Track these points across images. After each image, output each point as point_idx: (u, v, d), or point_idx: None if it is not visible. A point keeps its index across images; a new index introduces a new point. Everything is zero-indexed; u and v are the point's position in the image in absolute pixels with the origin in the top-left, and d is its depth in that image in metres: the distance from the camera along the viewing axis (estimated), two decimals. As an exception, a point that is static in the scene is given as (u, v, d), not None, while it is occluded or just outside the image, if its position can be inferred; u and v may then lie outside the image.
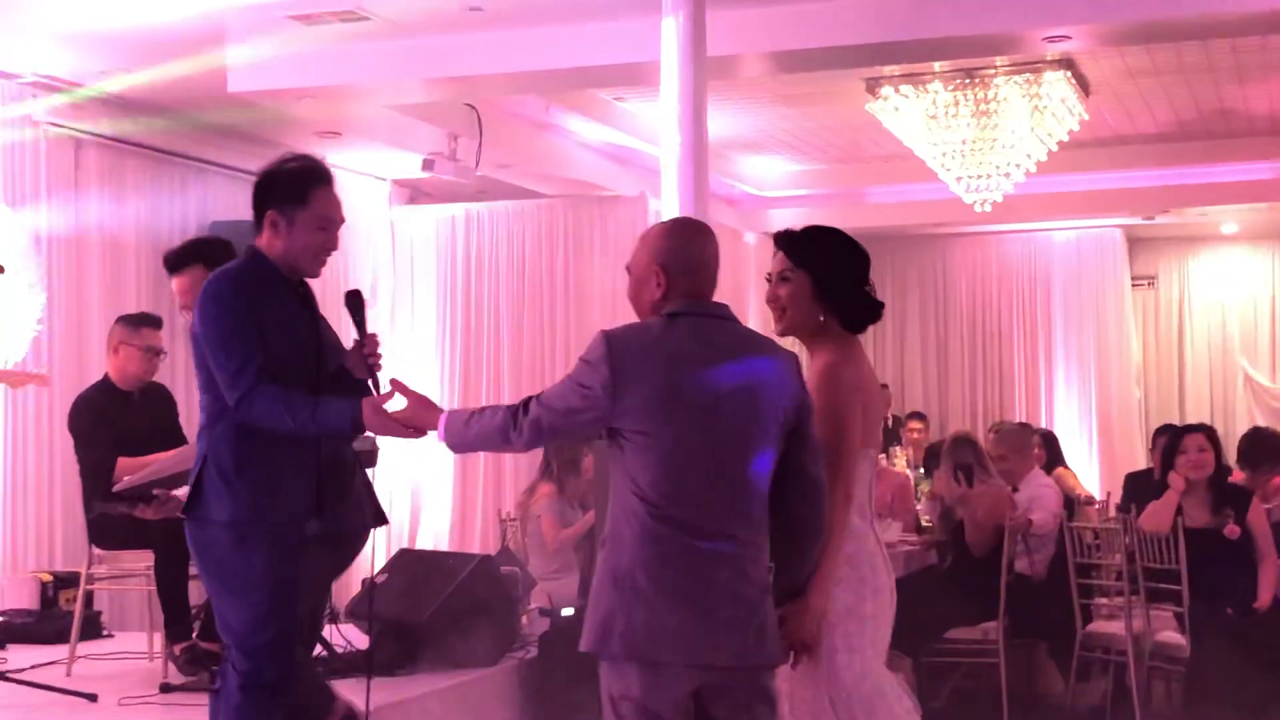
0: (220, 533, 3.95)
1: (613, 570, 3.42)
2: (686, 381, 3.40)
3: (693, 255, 3.57)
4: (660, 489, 3.38)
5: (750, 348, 3.52)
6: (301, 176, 4.02)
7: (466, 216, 11.73)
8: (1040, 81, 9.49)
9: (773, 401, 3.46)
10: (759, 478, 3.44)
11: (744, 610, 3.40)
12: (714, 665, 3.38)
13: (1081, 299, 15.10)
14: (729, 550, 3.39)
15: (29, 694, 5.70)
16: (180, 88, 8.72)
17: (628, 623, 3.37)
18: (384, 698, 5.61)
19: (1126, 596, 7.21)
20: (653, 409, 3.39)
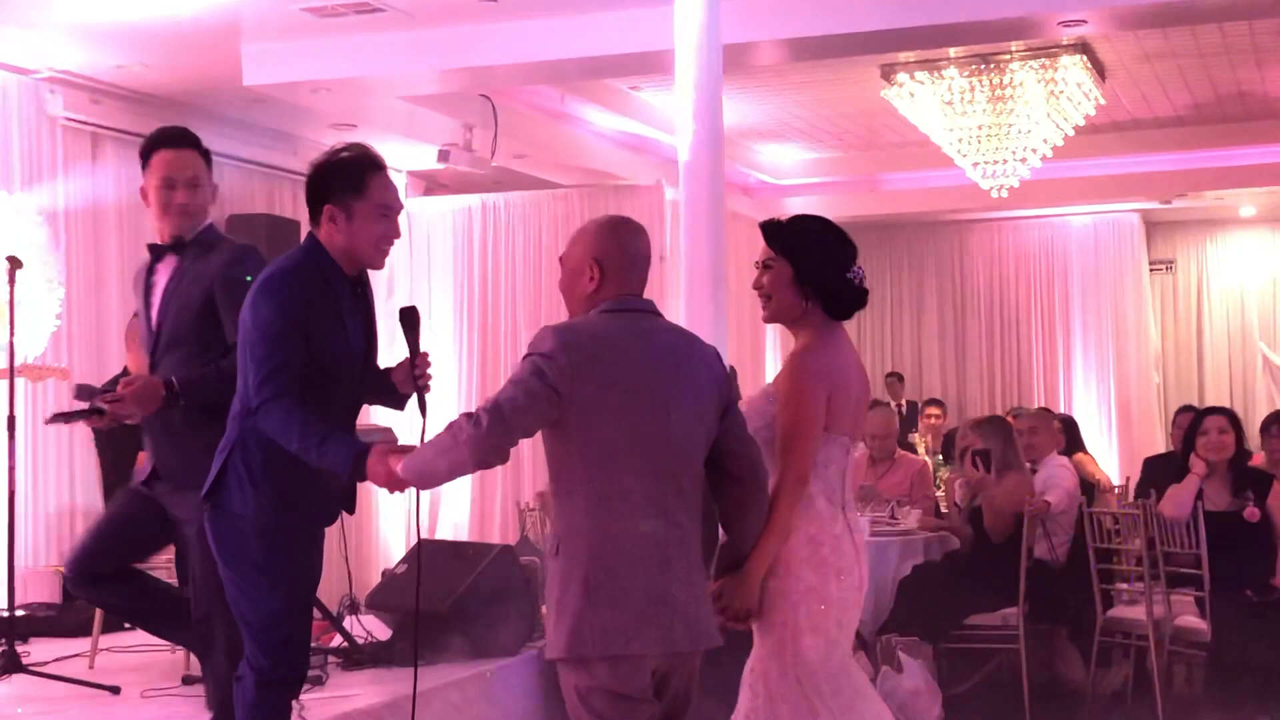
0: (241, 525, 3.91)
1: (574, 574, 3.47)
2: (628, 373, 3.49)
3: (629, 253, 3.64)
4: (611, 481, 3.46)
5: (679, 341, 3.65)
6: (356, 165, 3.92)
7: (483, 207, 11.74)
8: (1056, 66, 9.47)
9: (704, 390, 3.58)
10: (697, 464, 3.58)
11: (695, 592, 3.53)
12: (667, 651, 3.49)
13: (1099, 284, 15.08)
14: (677, 535, 3.50)
15: (52, 687, 5.73)
16: (196, 81, 8.74)
17: (597, 623, 3.43)
18: (404, 688, 5.63)
19: (1147, 581, 7.19)
20: (600, 401, 3.45)
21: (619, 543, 3.44)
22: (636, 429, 3.46)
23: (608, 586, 3.43)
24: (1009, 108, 9.70)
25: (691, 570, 3.52)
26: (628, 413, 3.46)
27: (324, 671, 5.84)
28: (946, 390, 15.68)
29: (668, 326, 3.68)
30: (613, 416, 3.46)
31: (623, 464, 3.46)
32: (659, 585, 3.44)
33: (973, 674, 7.89)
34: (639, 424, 3.47)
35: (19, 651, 5.93)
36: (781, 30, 7.96)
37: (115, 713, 5.42)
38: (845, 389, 3.94)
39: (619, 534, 3.44)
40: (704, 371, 3.60)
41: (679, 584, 3.47)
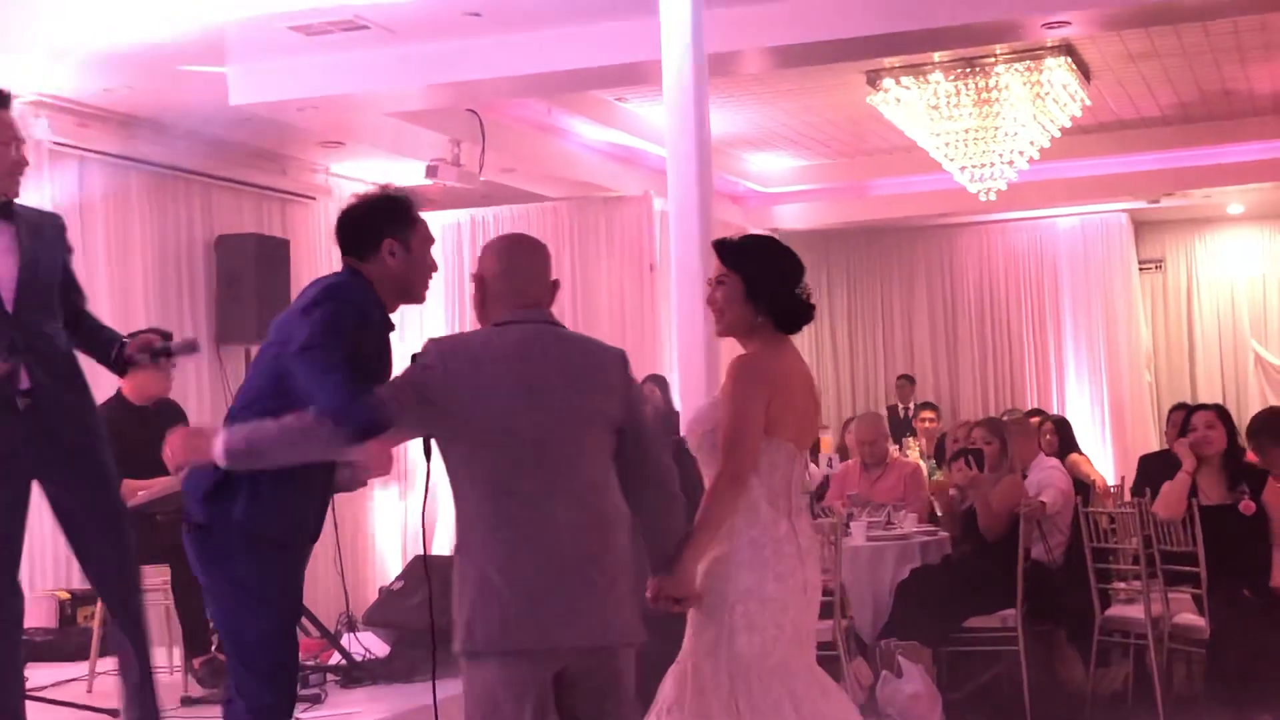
0: (236, 542, 3.88)
1: (468, 571, 3.60)
2: (510, 382, 3.61)
3: (513, 270, 3.80)
4: (499, 485, 3.59)
5: (572, 350, 3.77)
6: (407, 202, 4.07)
7: (472, 222, 11.75)
8: (1041, 68, 9.49)
9: (596, 398, 3.70)
10: (591, 468, 3.67)
11: (592, 593, 3.59)
12: (565, 647, 3.57)
13: (1089, 284, 15.10)
14: (571, 536, 3.58)
15: (52, 712, 5.72)
16: (182, 103, 8.74)
17: (486, 618, 3.55)
18: (403, 704, 5.63)
19: (1144, 579, 7.20)
20: (480, 409, 3.59)
21: (507, 543, 3.57)
22: (519, 435, 3.59)
23: (499, 584, 3.54)
24: (995, 111, 9.72)
25: (592, 568, 3.59)
26: (509, 419, 3.59)
27: (323, 690, 5.84)
28: (940, 394, 15.69)
29: (562, 337, 3.80)
30: (494, 423, 3.59)
31: (506, 470, 3.59)
32: (552, 583, 3.54)
33: (973, 677, 7.90)
34: (521, 431, 3.59)
35: (17, 677, 5.89)
36: (766, 39, 7.96)
37: (115, 736, 5.41)
38: (788, 394, 4.06)
39: (508, 535, 3.57)
40: (598, 380, 3.72)
41: (576, 582, 3.57)
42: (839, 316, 16.54)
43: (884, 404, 15.89)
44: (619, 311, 11.48)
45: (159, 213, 9.41)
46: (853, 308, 16.49)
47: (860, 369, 16.49)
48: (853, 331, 16.51)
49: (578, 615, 3.55)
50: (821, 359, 16.59)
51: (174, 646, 6.58)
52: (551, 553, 3.56)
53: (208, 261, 9.79)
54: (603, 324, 11.34)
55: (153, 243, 9.33)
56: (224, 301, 9.72)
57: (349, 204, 4.10)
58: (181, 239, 9.61)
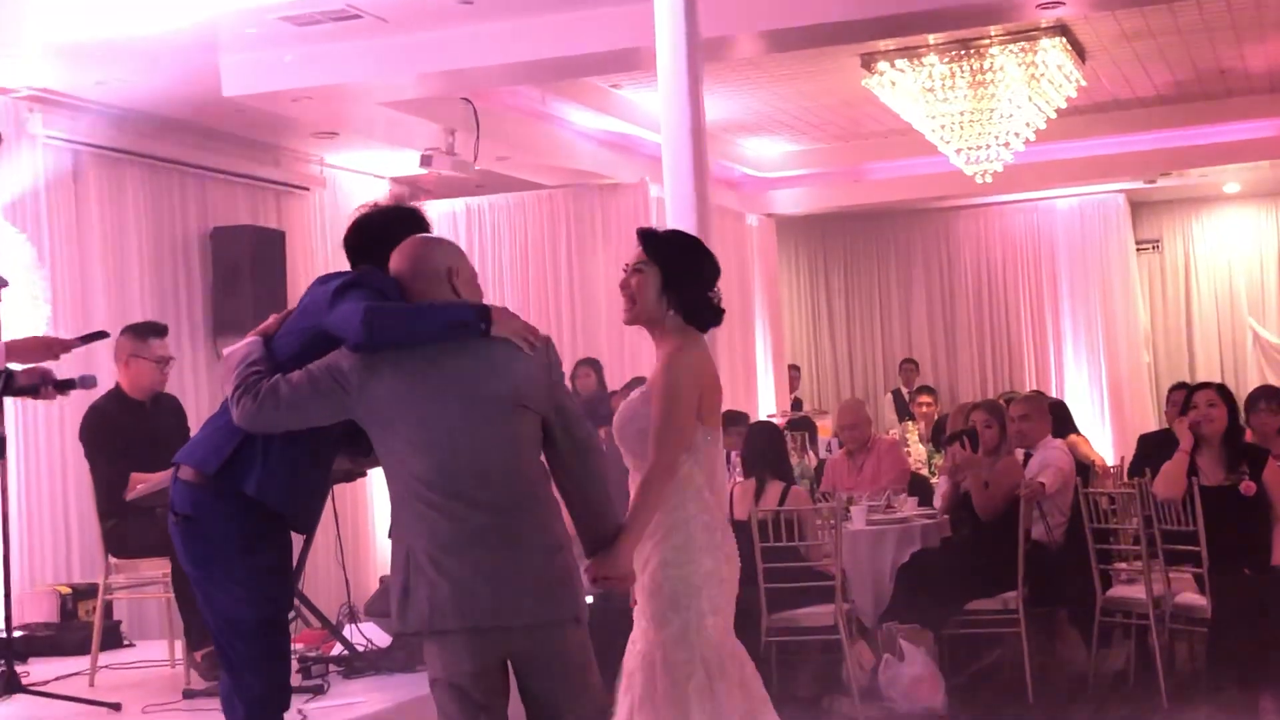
0: (225, 531, 3.87)
1: (399, 556, 3.65)
2: (422, 373, 3.62)
3: (421, 266, 3.81)
4: (420, 469, 3.62)
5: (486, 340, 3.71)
6: (417, 212, 4.14)
7: (467, 211, 11.74)
8: (1036, 49, 9.47)
9: (506, 383, 3.67)
10: (509, 450, 3.66)
11: (522, 571, 3.59)
12: (491, 626, 3.57)
13: (1086, 266, 15.11)
14: (491, 519, 3.59)
15: (53, 706, 5.72)
16: (176, 95, 8.72)
17: (415, 599, 3.59)
18: (405, 694, 5.63)
19: (1145, 560, 7.19)
20: (396, 398, 3.62)
21: (430, 527, 3.60)
22: (433, 424, 3.60)
23: (426, 567, 3.57)
24: (990, 92, 9.70)
25: (520, 549, 3.59)
26: (422, 409, 3.61)
27: (325, 680, 5.84)
28: (938, 377, 15.70)
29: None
30: (409, 412, 3.61)
31: (424, 456, 3.61)
32: (474, 565, 3.55)
33: (974, 660, 7.90)
34: (434, 420, 3.60)
35: (18, 672, 5.91)
36: (760, 22, 7.95)
37: (117, 729, 5.42)
38: (713, 384, 4.24)
39: (431, 520, 3.59)
40: (505, 366, 3.68)
41: (502, 563, 3.57)
42: (836, 301, 16.55)
43: (882, 388, 15.91)
44: (615, 299, 11.38)
45: (154, 205, 9.39)
46: (850, 292, 16.49)
47: (858, 353, 16.50)
48: (850, 316, 16.51)
49: (505, 594, 3.56)
50: (819, 343, 16.60)
51: (175, 639, 6.58)
52: (472, 537, 3.57)
53: (203, 253, 9.77)
54: (599, 312, 11.33)
55: (148, 235, 9.32)
56: (220, 293, 9.71)
57: (363, 214, 4.16)
58: (177, 231, 9.60)
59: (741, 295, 13.74)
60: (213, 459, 3.86)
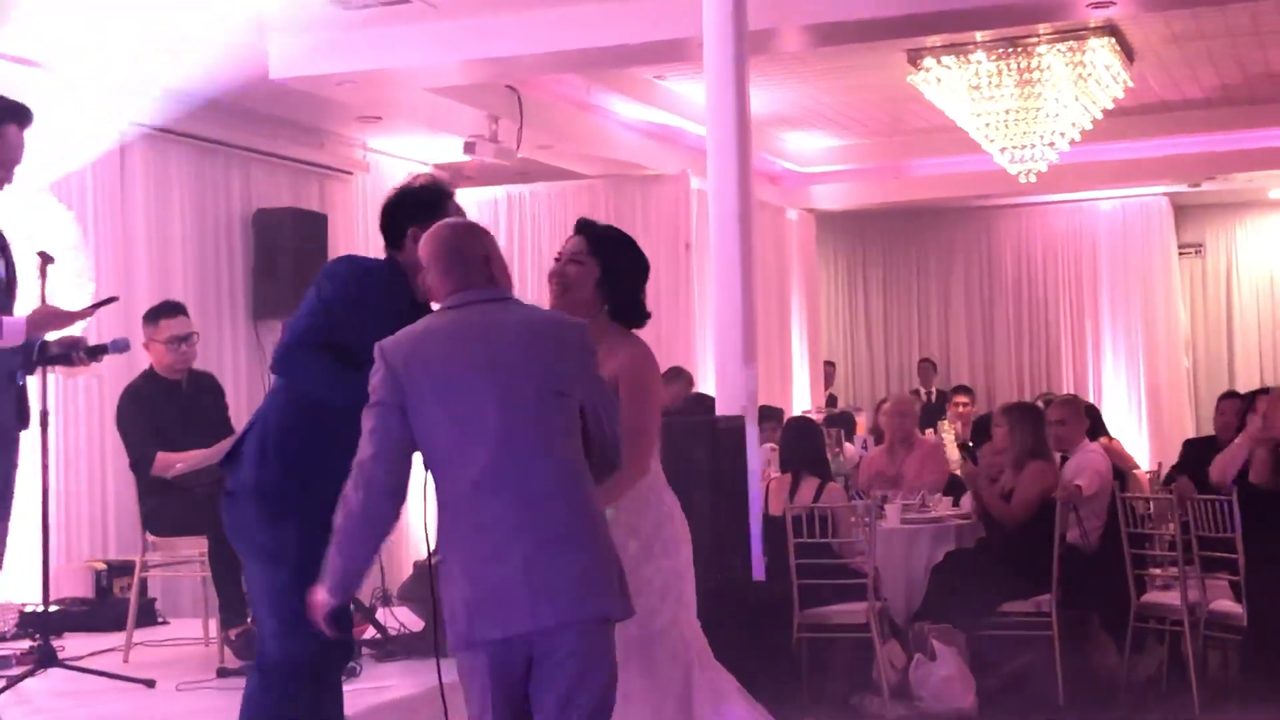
0: (246, 498, 4.02)
1: (441, 558, 3.54)
2: (450, 367, 3.51)
3: (451, 251, 3.69)
4: (448, 472, 3.49)
5: (521, 324, 3.61)
6: (435, 191, 4.16)
7: (508, 199, 11.75)
8: (1084, 49, 9.41)
9: (547, 371, 3.55)
10: (546, 448, 3.51)
11: (550, 570, 3.44)
12: (510, 639, 3.44)
13: (1128, 268, 15.01)
14: (516, 519, 3.44)
15: (88, 681, 5.74)
16: (223, 76, 8.74)
17: (452, 607, 3.48)
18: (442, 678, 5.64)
19: (1180, 566, 7.15)
20: (428, 395, 3.50)
21: (460, 531, 3.48)
22: (464, 419, 3.48)
23: (457, 574, 3.47)
24: (1037, 91, 9.65)
25: (548, 549, 3.44)
26: (452, 404, 3.48)
27: (358, 663, 5.86)
28: (975, 378, 15.63)
29: (512, 313, 3.63)
30: (440, 409, 3.49)
31: (454, 454, 3.48)
32: (488, 570, 3.42)
33: (1006, 662, 7.86)
34: (464, 413, 3.48)
35: (54, 646, 5.94)
36: (807, 16, 7.92)
37: (152, 706, 5.44)
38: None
39: (461, 525, 3.47)
40: (550, 352, 3.58)
41: (525, 563, 3.41)
42: (874, 298, 16.50)
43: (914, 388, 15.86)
44: (654, 290, 11.26)
45: (198, 186, 9.43)
46: (888, 289, 16.43)
47: (894, 351, 16.44)
48: (888, 313, 16.46)
49: (524, 599, 3.40)
50: (855, 340, 16.56)
51: (210, 618, 6.61)
52: (495, 540, 3.44)
53: (245, 235, 9.81)
54: (638, 302, 11.31)
55: (191, 215, 9.35)
56: (261, 275, 9.74)
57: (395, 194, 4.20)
58: (220, 212, 9.63)
59: (779, 290, 13.72)
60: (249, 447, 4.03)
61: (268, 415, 4.08)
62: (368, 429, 3.53)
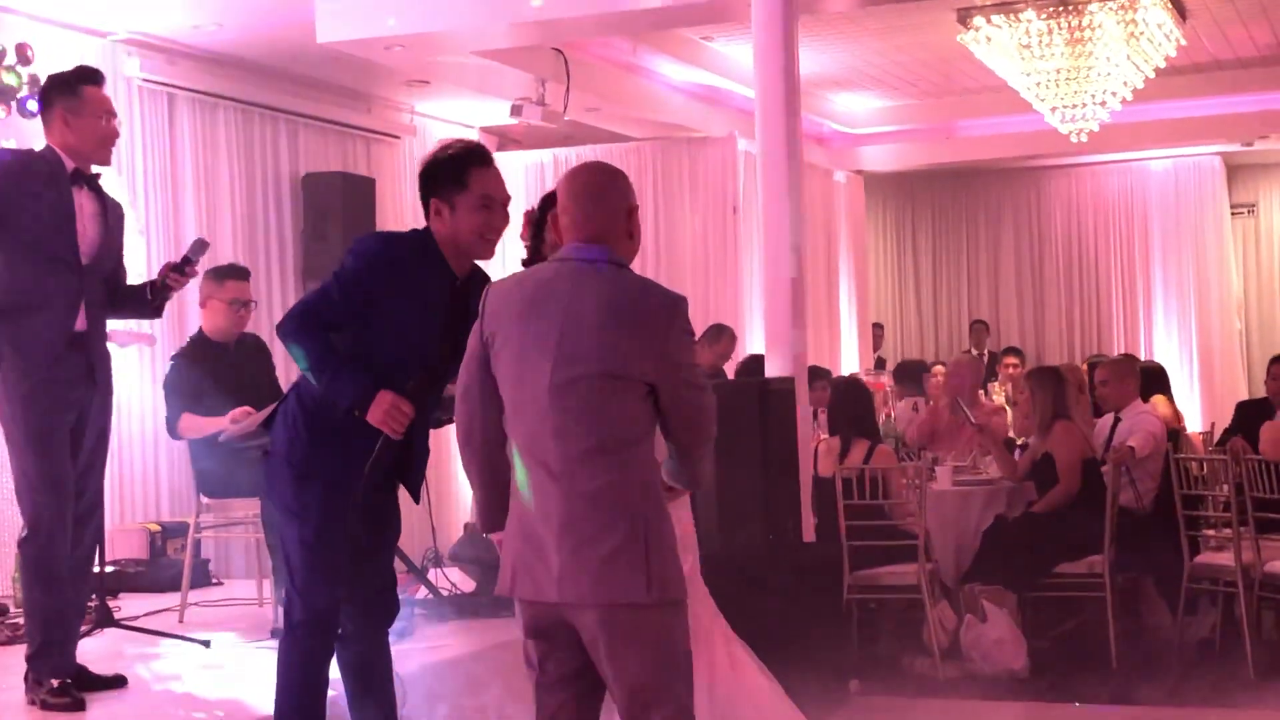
0: (278, 459, 4.16)
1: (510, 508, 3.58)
2: (529, 325, 3.47)
3: (575, 202, 3.58)
4: (514, 429, 3.51)
5: (598, 301, 3.44)
6: (459, 161, 4.11)
7: (555, 161, 11.72)
8: (1136, 7, 9.28)
9: (605, 346, 3.42)
10: (584, 418, 3.41)
11: (581, 545, 3.38)
12: (541, 602, 3.44)
13: (1180, 229, 14.87)
14: (552, 487, 3.41)
15: (144, 640, 5.82)
16: (270, 40, 8.77)
17: (502, 565, 3.53)
18: (491, 638, 5.68)
19: (1235, 527, 7.10)
20: (503, 345, 3.51)
21: (520, 492, 3.50)
22: (524, 377, 3.46)
23: (512, 528, 3.51)
24: (1088, 50, 9.52)
25: (579, 527, 3.38)
26: (517, 361, 3.47)
27: (410, 623, 5.90)
28: (1025, 339, 15.54)
29: (599, 283, 3.47)
30: (508, 362, 3.49)
31: (515, 412, 3.49)
32: (536, 534, 3.42)
33: (1058, 623, 7.85)
34: (522, 375, 3.46)
35: (110, 606, 6.01)
36: (856, -24, 7.87)
37: (208, 665, 5.50)
38: None
39: (521, 481, 3.49)
40: (618, 332, 3.42)
41: (559, 536, 3.38)
42: (923, 259, 16.41)
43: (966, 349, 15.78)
44: (701, 253, 11.44)
45: (247, 150, 9.47)
46: (938, 250, 16.34)
47: (944, 313, 16.36)
48: (937, 275, 16.37)
49: (553, 569, 3.38)
50: (904, 301, 16.48)
51: (263, 579, 6.67)
52: (540, 505, 3.42)
53: (294, 199, 9.85)
54: (684, 266, 11.31)
55: (240, 179, 9.40)
56: (310, 238, 9.79)
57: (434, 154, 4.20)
58: (269, 176, 9.67)
59: (827, 252, 13.66)
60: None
61: (301, 384, 4.17)
62: (464, 372, 3.62)
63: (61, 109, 4.96)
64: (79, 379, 4.91)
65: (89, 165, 5.01)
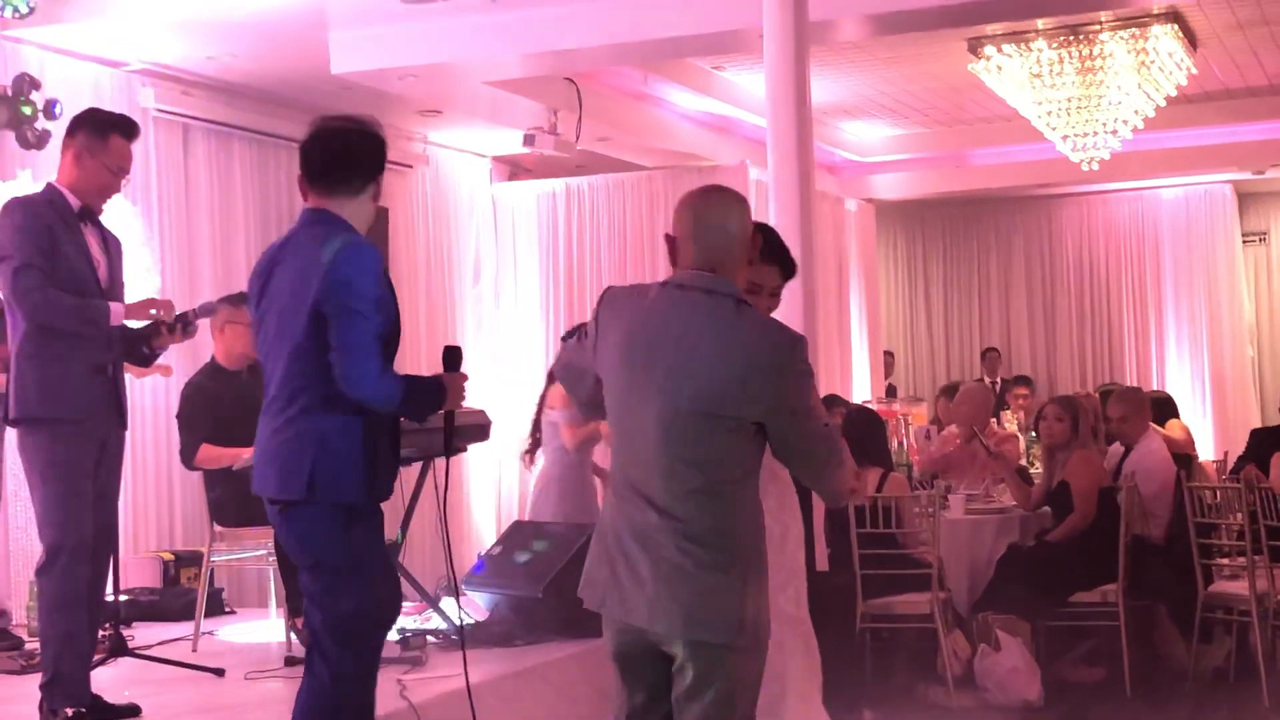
0: (339, 514, 3.94)
1: (600, 518, 3.62)
2: (638, 349, 3.43)
3: (694, 226, 3.49)
4: (618, 454, 3.51)
5: (708, 336, 3.38)
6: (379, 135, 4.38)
7: (567, 190, 11.76)
8: (1147, 36, 9.32)
9: (714, 385, 3.36)
10: (690, 455, 3.37)
11: (665, 579, 3.37)
12: (630, 625, 3.44)
13: (1191, 257, 14.87)
14: (655, 519, 3.39)
15: (157, 669, 5.82)
16: (285, 71, 8.82)
17: (586, 574, 3.55)
18: (504, 668, 5.67)
19: (1249, 555, 7.08)
20: (610, 366, 3.50)
21: (609, 506, 3.54)
22: (630, 406, 3.45)
23: (597, 542, 3.53)
24: (1099, 79, 9.56)
25: (672, 563, 3.36)
26: (620, 385, 3.47)
27: (423, 653, 5.90)
28: (1036, 367, 15.53)
29: (712, 315, 3.40)
30: (613, 382, 3.50)
31: (621, 438, 3.49)
32: (624, 557, 3.41)
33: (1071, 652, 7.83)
34: (633, 401, 3.44)
35: (124, 635, 6.02)
36: (867, 5, 7.88)
37: (221, 694, 5.50)
38: None
39: (611, 497, 3.52)
40: (718, 366, 3.36)
41: (644, 564, 3.38)
42: (934, 287, 16.41)
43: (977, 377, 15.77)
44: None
45: (261, 179, 9.51)
46: (948, 278, 16.35)
47: (955, 341, 16.36)
48: (948, 303, 16.38)
49: (637, 594, 3.39)
50: (915, 330, 16.48)
51: (278, 607, 6.67)
52: (630, 530, 3.42)
53: (308, 228, 9.87)
54: (697, 294, 11.32)
55: (255, 209, 9.44)
56: (323, 268, 9.80)
57: (320, 128, 4.36)
58: (283, 205, 9.70)
59: (839, 280, 13.66)
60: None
61: (346, 430, 4.05)
62: (565, 352, 3.72)
63: (81, 146, 4.98)
64: (103, 411, 4.94)
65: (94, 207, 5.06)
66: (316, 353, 3.88)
